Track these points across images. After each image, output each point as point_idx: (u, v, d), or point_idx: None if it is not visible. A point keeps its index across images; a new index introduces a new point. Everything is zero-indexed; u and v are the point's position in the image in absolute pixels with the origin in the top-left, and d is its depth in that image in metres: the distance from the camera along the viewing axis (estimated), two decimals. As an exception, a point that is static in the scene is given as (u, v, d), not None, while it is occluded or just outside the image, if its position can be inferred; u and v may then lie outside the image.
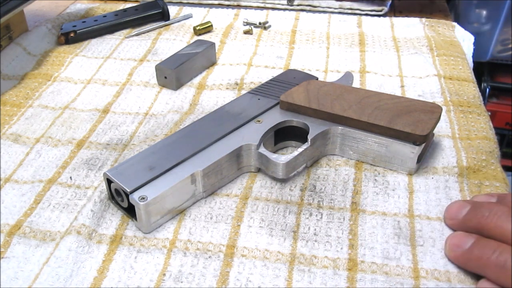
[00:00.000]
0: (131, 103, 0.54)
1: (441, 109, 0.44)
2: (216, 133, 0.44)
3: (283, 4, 0.74)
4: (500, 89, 1.43)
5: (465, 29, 0.68)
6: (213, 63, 0.61)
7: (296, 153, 0.43)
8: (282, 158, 0.42)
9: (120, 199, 0.40)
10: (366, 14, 0.72)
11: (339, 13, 0.72)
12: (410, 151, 0.42)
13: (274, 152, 0.46)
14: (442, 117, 0.49)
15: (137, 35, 0.67)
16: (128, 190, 0.38)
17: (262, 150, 0.43)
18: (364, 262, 0.37)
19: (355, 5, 0.72)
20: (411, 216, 0.40)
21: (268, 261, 0.37)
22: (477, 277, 0.35)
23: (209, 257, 0.37)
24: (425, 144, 0.42)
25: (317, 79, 0.52)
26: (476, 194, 0.41)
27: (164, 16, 0.70)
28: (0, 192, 0.43)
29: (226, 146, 0.43)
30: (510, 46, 1.09)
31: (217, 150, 0.42)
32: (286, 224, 0.40)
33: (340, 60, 0.61)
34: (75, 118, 0.52)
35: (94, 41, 0.66)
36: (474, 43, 0.67)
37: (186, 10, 0.73)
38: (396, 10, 0.76)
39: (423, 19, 0.70)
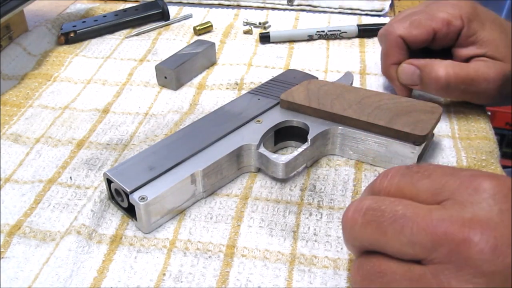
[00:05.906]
0: (131, 103, 0.54)
1: (441, 110, 0.44)
2: (216, 133, 0.44)
3: (283, 4, 0.74)
4: (500, 89, 1.43)
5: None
6: (213, 63, 0.61)
7: (296, 153, 0.43)
8: (282, 158, 0.42)
9: (120, 199, 0.40)
10: (366, 14, 0.72)
11: (339, 13, 0.72)
12: (410, 151, 0.42)
13: (274, 152, 0.46)
14: (442, 117, 0.49)
15: (137, 35, 0.67)
16: (128, 190, 0.38)
17: (262, 150, 0.43)
18: (364, 262, 0.37)
19: (355, 5, 0.72)
20: (411, 216, 0.40)
21: (268, 261, 0.37)
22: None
23: (209, 257, 0.37)
24: (425, 144, 0.42)
25: (317, 79, 0.52)
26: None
27: (164, 16, 0.70)
28: (0, 192, 0.43)
29: (226, 146, 0.43)
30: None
31: (217, 150, 0.42)
32: (286, 224, 0.40)
33: (340, 60, 0.61)
34: (75, 118, 0.52)
35: (94, 41, 0.66)
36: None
37: (186, 10, 0.73)
38: (396, 10, 0.76)
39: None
